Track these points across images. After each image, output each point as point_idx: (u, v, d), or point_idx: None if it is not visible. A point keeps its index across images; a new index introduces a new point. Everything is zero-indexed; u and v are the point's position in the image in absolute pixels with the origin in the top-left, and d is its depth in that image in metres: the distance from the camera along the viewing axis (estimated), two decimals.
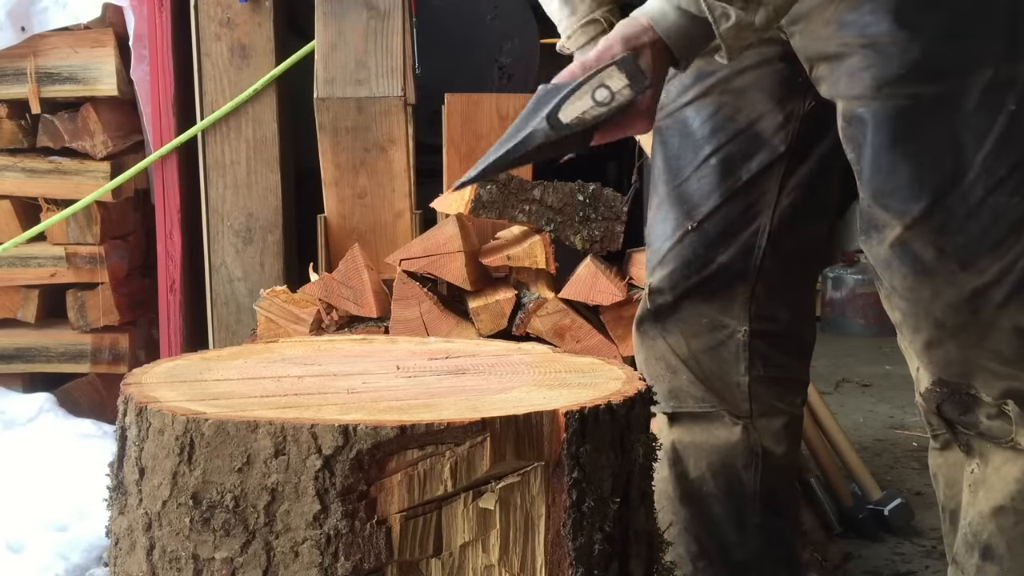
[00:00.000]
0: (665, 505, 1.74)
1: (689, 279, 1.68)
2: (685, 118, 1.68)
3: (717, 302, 1.68)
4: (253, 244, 3.27)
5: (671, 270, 1.69)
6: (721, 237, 1.67)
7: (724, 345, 1.69)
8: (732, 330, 1.69)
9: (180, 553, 1.15)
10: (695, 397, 1.73)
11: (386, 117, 2.97)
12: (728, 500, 1.73)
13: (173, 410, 1.15)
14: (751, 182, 1.65)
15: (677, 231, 1.68)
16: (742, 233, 1.67)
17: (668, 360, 1.72)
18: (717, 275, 1.67)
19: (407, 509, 1.11)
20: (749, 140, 1.65)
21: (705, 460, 1.73)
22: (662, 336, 1.71)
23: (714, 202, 1.66)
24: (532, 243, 2.45)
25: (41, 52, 3.29)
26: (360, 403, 1.20)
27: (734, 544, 1.74)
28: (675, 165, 1.70)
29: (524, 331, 2.43)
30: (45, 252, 3.38)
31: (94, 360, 3.42)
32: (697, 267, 1.68)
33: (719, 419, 1.72)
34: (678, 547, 1.73)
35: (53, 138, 3.32)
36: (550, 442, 1.14)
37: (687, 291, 1.68)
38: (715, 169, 1.66)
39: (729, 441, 1.72)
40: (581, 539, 1.16)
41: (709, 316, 1.69)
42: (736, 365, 1.71)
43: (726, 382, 1.71)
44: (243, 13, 3.21)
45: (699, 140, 1.67)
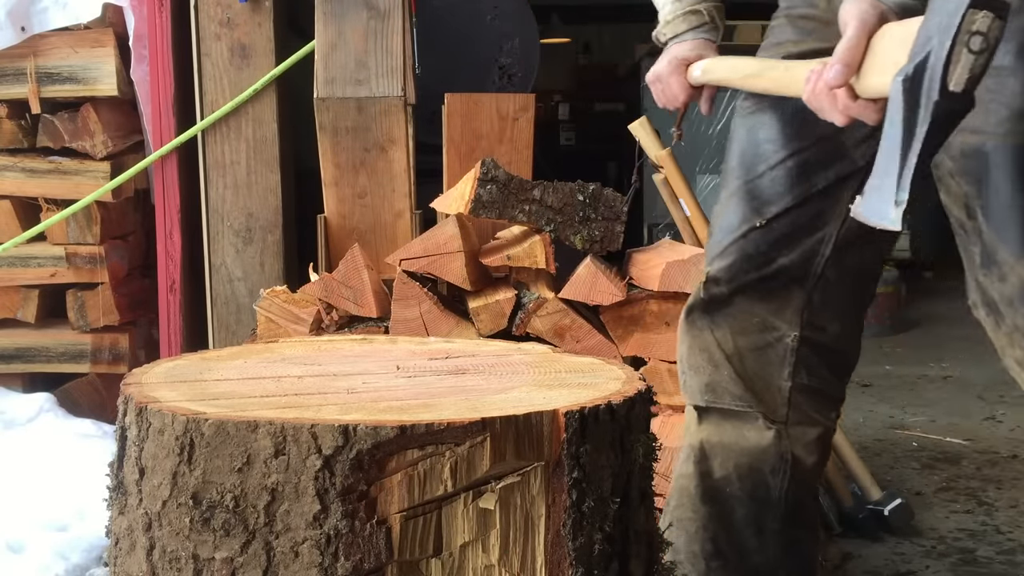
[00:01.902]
0: (684, 502, 1.73)
1: (748, 274, 1.68)
2: (769, 116, 1.69)
3: (771, 303, 1.69)
4: (253, 244, 3.27)
5: (731, 262, 1.69)
6: (786, 238, 1.67)
7: (771, 347, 1.69)
8: (782, 333, 1.69)
9: (180, 553, 1.15)
10: (733, 394, 1.72)
11: (386, 117, 2.97)
12: (751, 504, 1.73)
13: (173, 410, 1.15)
14: (825, 190, 1.66)
15: (743, 225, 1.69)
16: (808, 239, 1.67)
17: (712, 353, 1.72)
18: (776, 275, 1.68)
19: (407, 509, 1.11)
20: (830, 149, 1.65)
21: (732, 461, 1.73)
22: (710, 328, 1.71)
23: (786, 203, 1.67)
24: (532, 243, 2.45)
25: (41, 52, 3.29)
26: (360, 403, 1.19)
27: (752, 549, 1.74)
28: (751, 160, 1.70)
29: (524, 331, 2.43)
30: (45, 252, 3.38)
31: (94, 360, 3.42)
32: (757, 264, 1.68)
33: (752, 420, 1.72)
34: (692, 544, 1.73)
35: (53, 138, 3.32)
36: (550, 442, 1.14)
37: (743, 286, 1.69)
38: (791, 171, 1.67)
39: (760, 445, 1.72)
40: (581, 539, 1.16)
41: (761, 316, 1.69)
42: (780, 369, 1.71)
43: (767, 384, 1.71)
44: (243, 13, 3.21)
45: (779, 140, 1.67)
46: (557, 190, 2.48)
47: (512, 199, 2.47)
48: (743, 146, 1.72)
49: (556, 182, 2.50)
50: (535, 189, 2.48)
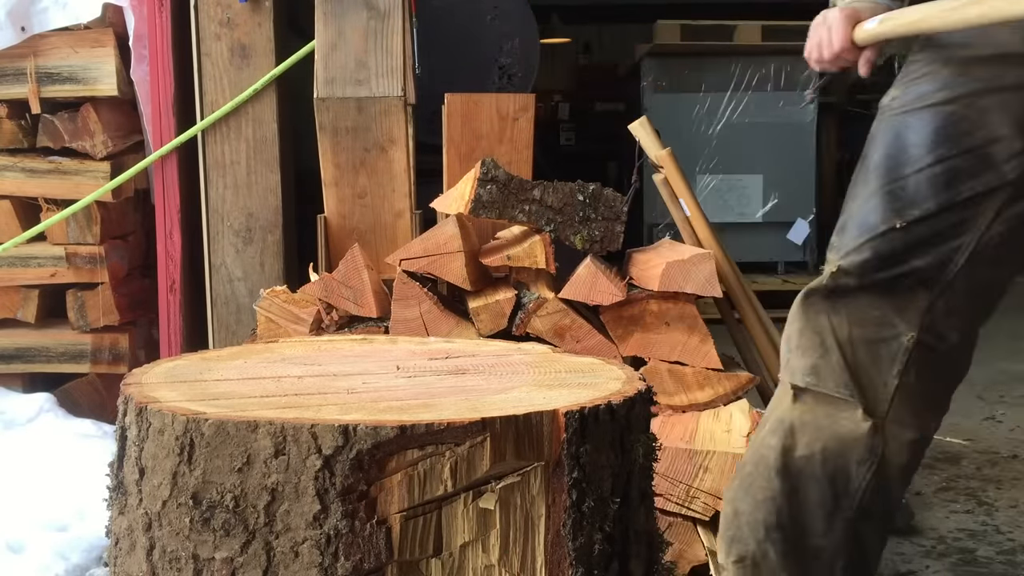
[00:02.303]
0: (760, 470, 1.73)
1: (879, 272, 1.69)
2: (921, 119, 1.69)
3: (895, 301, 1.69)
4: (253, 244, 3.27)
5: (865, 259, 1.69)
6: (924, 242, 1.67)
7: (886, 343, 1.70)
8: (899, 332, 1.69)
9: (180, 553, 1.15)
10: (836, 381, 1.72)
11: (386, 117, 2.97)
12: (828, 487, 1.73)
13: (173, 410, 1.15)
14: (971, 200, 1.65)
15: (883, 225, 1.68)
16: (944, 245, 1.67)
17: (824, 337, 1.72)
18: (906, 276, 1.68)
19: (407, 509, 1.11)
20: (979, 159, 1.65)
21: (820, 443, 1.73)
22: (827, 313, 1.72)
23: (928, 208, 1.66)
24: (532, 243, 2.45)
25: (41, 52, 3.29)
26: (360, 403, 1.19)
27: (816, 531, 1.74)
28: (896, 162, 1.70)
29: (524, 331, 2.43)
30: (45, 252, 3.38)
31: (94, 360, 3.42)
32: (891, 263, 1.68)
33: (851, 410, 1.72)
34: (757, 512, 1.73)
35: (53, 138, 3.32)
36: (550, 442, 1.14)
37: (873, 283, 1.69)
38: (937, 177, 1.67)
39: (853, 433, 1.72)
40: (581, 539, 1.16)
41: (882, 311, 1.70)
42: (890, 366, 1.71)
43: (873, 378, 1.71)
44: (243, 13, 3.21)
45: (928, 144, 1.67)
46: (557, 190, 2.48)
47: (512, 199, 2.47)
48: (889, 146, 1.72)
49: (556, 182, 2.50)
50: (535, 189, 2.48)
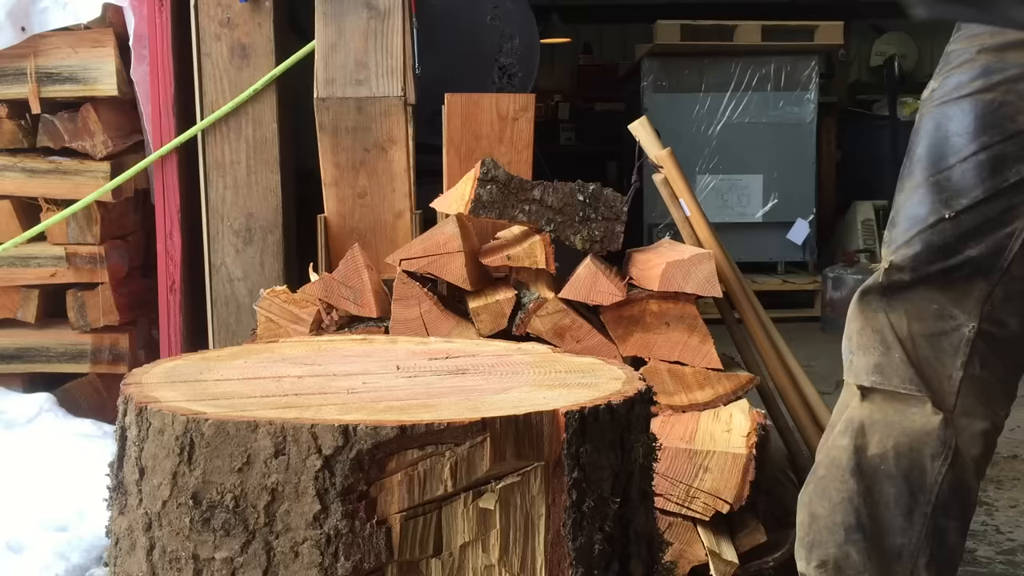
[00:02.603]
0: (834, 472, 1.73)
1: (932, 264, 1.68)
2: (961, 109, 1.68)
3: (952, 292, 1.68)
4: (253, 244, 3.27)
5: (917, 252, 1.68)
6: (975, 231, 1.66)
7: (947, 335, 1.69)
8: (959, 323, 1.68)
9: (180, 553, 1.15)
10: (902, 377, 1.72)
11: (386, 117, 2.97)
12: (904, 483, 1.72)
13: (173, 410, 1.15)
14: (1018, 184, 1.64)
15: (931, 216, 1.68)
16: (997, 232, 1.66)
17: (884, 335, 1.72)
18: (961, 267, 1.67)
19: (407, 509, 1.11)
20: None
21: (892, 439, 1.72)
22: (885, 311, 1.71)
23: (976, 196, 1.65)
24: (532, 243, 2.45)
25: (41, 52, 3.29)
26: (360, 403, 1.19)
27: (896, 529, 1.72)
28: (940, 153, 1.69)
29: (524, 331, 2.43)
30: (45, 252, 3.38)
31: (94, 360, 3.42)
32: (944, 255, 1.67)
33: (919, 404, 1.71)
34: (835, 514, 1.72)
35: (53, 138, 3.32)
36: (550, 442, 1.14)
37: (927, 276, 1.68)
38: (984, 164, 1.66)
39: (924, 428, 1.71)
40: (581, 539, 1.16)
41: (940, 304, 1.69)
42: (954, 358, 1.70)
43: (938, 372, 1.71)
44: (243, 13, 3.21)
45: (971, 132, 1.66)
46: (557, 190, 2.48)
47: (512, 199, 2.47)
48: (932, 138, 1.71)
49: (556, 182, 2.50)
50: (535, 189, 2.48)
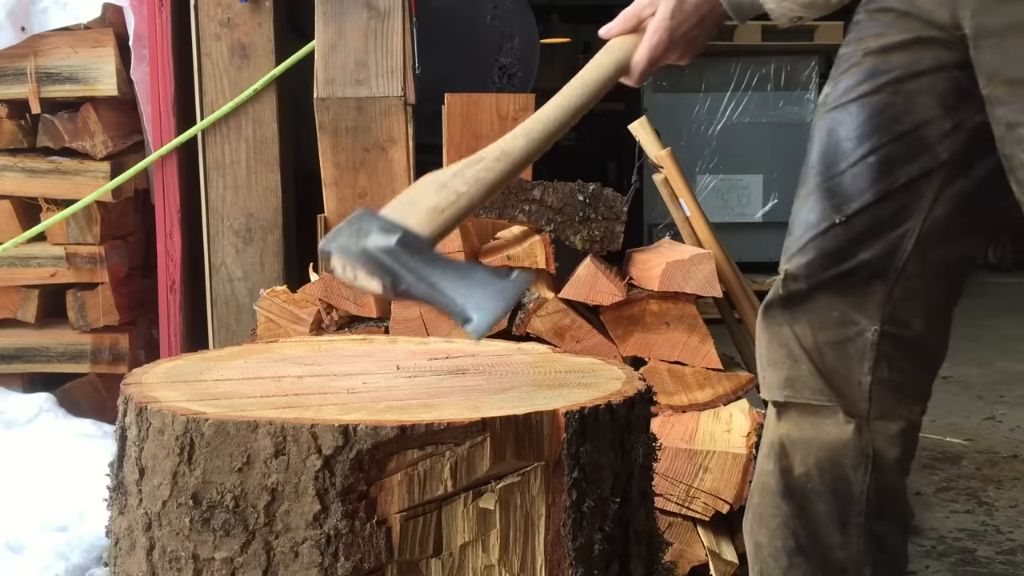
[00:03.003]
0: (766, 499, 1.73)
1: (827, 270, 1.67)
2: (849, 113, 1.68)
3: (851, 297, 1.67)
4: (253, 244, 3.27)
5: (810, 259, 1.68)
6: (867, 234, 1.66)
7: (851, 341, 1.68)
8: (862, 328, 1.68)
9: (180, 553, 1.15)
10: (812, 389, 1.71)
11: (386, 117, 2.97)
12: (832, 498, 1.71)
13: (173, 410, 1.15)
14: (908, 185, 1.64)
15: (823, 222, 1.67)
16: (889, 233, 1.65)
17: (791, 348, 1.71)
18: (856, 271, 1.66)
19: (407, 509, 1.11)
20: (912, 143, 1.64)
21: (813, 457, 1.71)
22: (789, 323, 1.70)
23: (867, 199, 1.65)
24: (532, 243, 2.45)
25: (41, 52, 3.29)
26: (360, 403, 1.19)
27: (836, 544, 1.72)
28: (831, 159, 1.69)
29: (524, 331, 2.43)
30: (45, 252, 3.38)
31: (94, 360, 3.42)
32: (837, 260, 1.67)
33: (833, 415, 1.71)
34: (775, 541, 1.72)
35: (53, 138, 3.32)
36: (550, 442, 1.14)
37: (823, 282, 1.68)
38: (872, 167, 1.65)
39: (840, 439, 1.70)
40: (581, 539, 1.16)
41: (840, 310, 1.68)
42: (860, 363, 1.69)
43: (847, 379, 1.70)
44: (243, 13, 3.21)
45: (860, 136, 1.66)
46: (557, 190, 2.48)
47: (512, 199, 2.47)
48: (823, 144, 1.71)
49: (556, 182, 2.50)
50: (535, 189, 2.48)
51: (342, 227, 1.34)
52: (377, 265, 1.29)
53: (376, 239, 1.30)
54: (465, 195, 1.40)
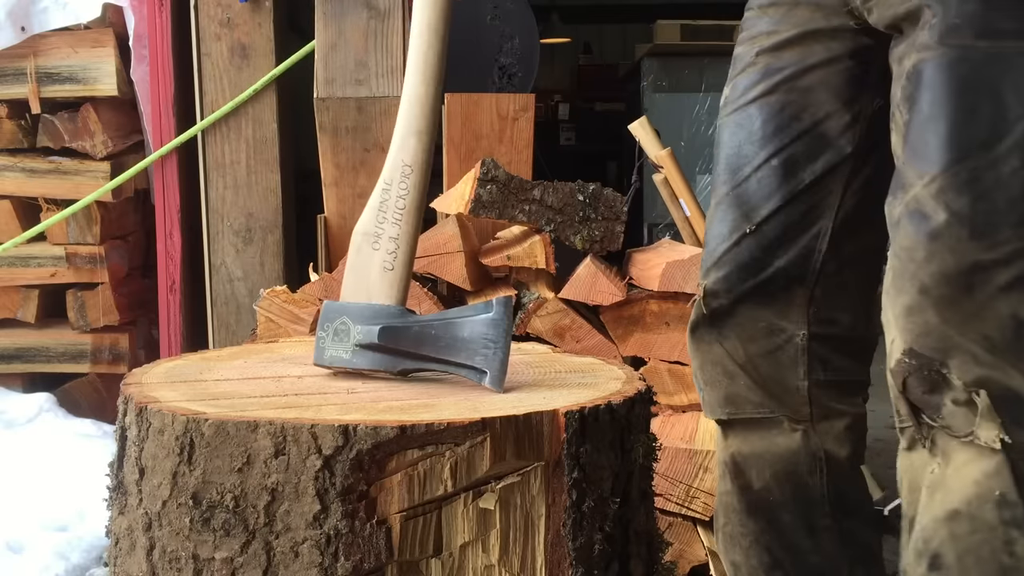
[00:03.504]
0: (732, 518, 1.71)
1: (745, 282, 1.64)
2: (748, 116, 1.65)
3: (775, 306, 1.65)
4: (253, 244, 3.27)
5: (727, 273, 1.65)
6: (780, 240, 1.63)
7: (782, 349, 1.66)
8: (790, 334, 1.65)
9: (180, 553, 1.15)
10: (753, 403, 1.69)
11: (386, 117, 2.97)
12: (796, 507, 1.70)
13: (173, 410, 1.15)
14: (814, 184, 1.62)
15: (734, 233, 1.65)
16: (802, 236, 1.63)
17: (725, 365, 1.68)
18: (775, 279, 1.64)
19: (407, 509, 1.11)
20: (814, 141, 1.62)
21: (769, 470, 1.70)
22: (718, 341, 1.68)
23: (774, 204, 1.63)
24: (532, 243, 2.45)
25: (41, 52, 3.29)
26: (360, 403, 1.19)
27: (808, 550, 1.71)
28: (735, 164, 1.67)
29: (524, 331, 2.43)
30: (45, 252, 3.38)
31: (94, 360, 3.42)
32: (754, 270, 1.64)
33: (778, 425, 1.69)
34: (750, 559, 1.70)
35: (53, 138, 3.32)
36: (550, 442, 1.14)
37: (743, 295, 1.65)
38: (777, 170, 1.63)
39: (790, 448, 1.69)
40: (581, 539, 1.16)
41: (766, 320, 1.66)
42: (794, 369, 1.67)
43: (785, 387, 1.68)
44: (243, 13, 3.21)
45: (761, 139, 1.64)
46: (557, 190, 2.48)
47: (512, 199, 2.47)
48: (727, 149, 1.68)
49: (556, 182, 2.50)
50: (535, 189, 2.48)
51: (322, 336, 1.32)
52: (372, 357, 1.31)
53: (359, 335, 1.31)
54: (402, 235, 1.36)
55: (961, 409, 1.39)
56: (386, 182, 1.37)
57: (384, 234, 1.35)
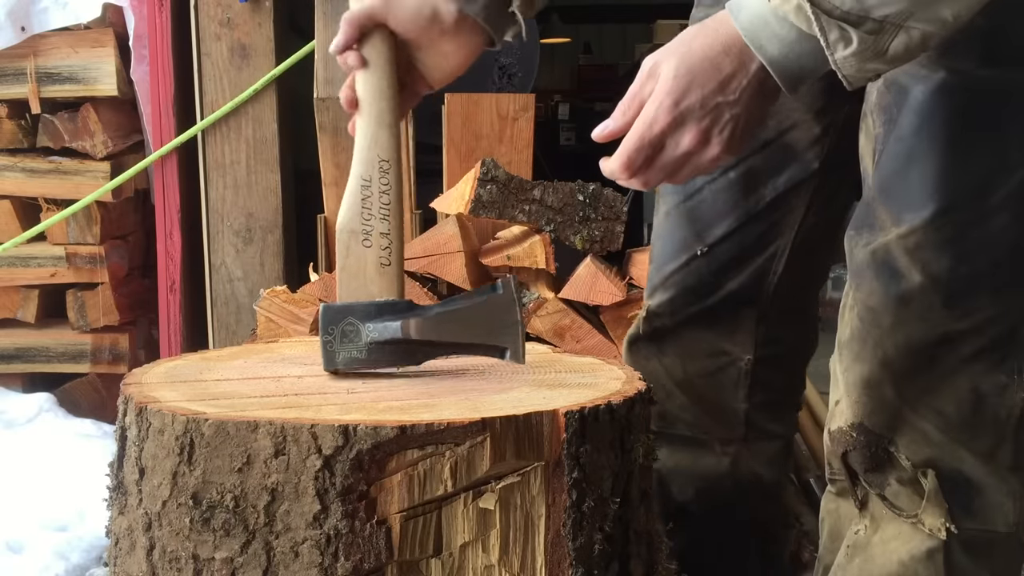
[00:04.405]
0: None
1: (692, 306, 1.53)
2: None
3: (720, 329, 1.54)
4: (253, 244, 3.27)
5: (673, 296, 1.54)
6: (733, 262, 1.50)
7: (724, 371, 1.56)
8: (734, 357, 1.55)
9: (180, 553, 1.15)
10: (685, 422, 1.60)
11: None
12: (715, 525, 1.62)
13: (173, 410, 1.15)
14: (775, 201, 1.47)
15: (684, 253, 1.52)
16: (757, 258, 1.50)
17: (661, 382, 1.57)
18: (723, 302, 1.52)
19: (407, 509, 1.11)
20: (778, 152, 1.46)
21: (692, 487, 1.62)
22: (657, 357, 1.58)
23: (730, 224, 1.48)
24: (532, 243, 2.45)
25: (41, 52, 3.29)
26: (360, 403, 1.19)
27: (724, 571, 1.66)
28: None
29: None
30: (45, 252, 3.38)
31: (94, 360, 3.42)
32: (703, 294, 1.52)
33: (707, 447, 1.60)
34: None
35: (53, 138, 3.32)
36: (550, 442, 1.14)
37: (688, 318, 1.54)
38: (734, 184, 1.47)
39: (717, 471, 1.60)
40: (581, 539, 1.16)
41: (709, 342, 1.55)
42: (735, 392, 1.57)
43: (723, 408, 1.58)
44: (243, 13, 3.21)
45: None
46: (557, 190, 2.48)
47: (512, 199, 2.47)
48: None
49: (556, 182, 2.50)
50: (535, 189, 2.48)
51: (328, 340, 1.30)
52: (390, 352, 1.30)
53: (372, 332, 1.30)
54: (393, 230, 1.33)
55: (906, 489, 1.29)
56: (364, 178, 1.34)
57: (374, 231, 1.34)
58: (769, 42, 1.05)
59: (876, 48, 1.01)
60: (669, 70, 1.08)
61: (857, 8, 0.99)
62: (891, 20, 0.99)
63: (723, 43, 1.06)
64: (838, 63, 1.03)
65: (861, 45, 1.01)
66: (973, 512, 1.27)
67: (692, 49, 1.07)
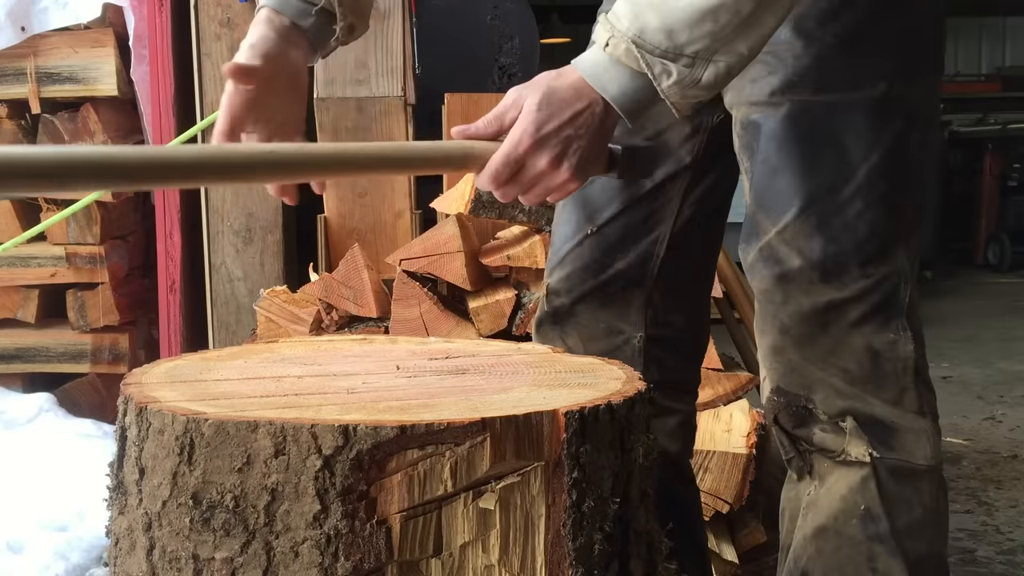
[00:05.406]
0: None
1: (586, 283, 1.68)
2: None
3: (613, 308, 1.69)
4: (253, 244, 3.27)
5: (569, 272, 1.69)
6: (620, 243, 1.67)
7: (620, 350, 1.69)
8: (628, 336, 1.70)
9: (180, 553, 1.15)
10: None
11: (386, 117, 2.97)
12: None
13: (173, 410, 1.15)
14: (654, 191, 1.65)
15: (577, 234, 1.68)
16: (642, 241, 1.67)
17: None
18: (614, 281, 1.68)
19: (407, 509, 1.11)
20: (656, 148, 1.65)
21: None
22: (561, 338, 1.71)
23: (616, 207, 1.66)
24: (532, 243, 2.45)
25: (41, 52, 3.29)
26: (360, 403, 1.19)
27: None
28: None
29: (524, 331, 2.43)
30: (45, 252, 3.38)
31: (94, 360, 3.42)
32: (594, 271, 1.68)
33: None
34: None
35: (53, 138, 3.32)
36: (550, 442, 1.14)
37: (583, 295, 1.69)
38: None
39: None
40: (581, 539, 1.16)
41: (606, 321, 1.70)
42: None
43: None
44: (243, 13, 3.21)
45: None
46: None
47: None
48: None
49: None
50: None
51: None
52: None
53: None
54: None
55: (830, 435, 1.51)
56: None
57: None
58: (609, 83, 1.29)
59: (692, 78, 1.26)
60: (532, 103, 1.31)
61: (672, 47, 1.24)
62: (700, 56, 1.25)
63: (574, 85, 1.31)
64: (664, 92, 1.27)
65: (679, 76, 1.26)
66: (893, 447, 1.48)
67: (551, 87, 1.31)
